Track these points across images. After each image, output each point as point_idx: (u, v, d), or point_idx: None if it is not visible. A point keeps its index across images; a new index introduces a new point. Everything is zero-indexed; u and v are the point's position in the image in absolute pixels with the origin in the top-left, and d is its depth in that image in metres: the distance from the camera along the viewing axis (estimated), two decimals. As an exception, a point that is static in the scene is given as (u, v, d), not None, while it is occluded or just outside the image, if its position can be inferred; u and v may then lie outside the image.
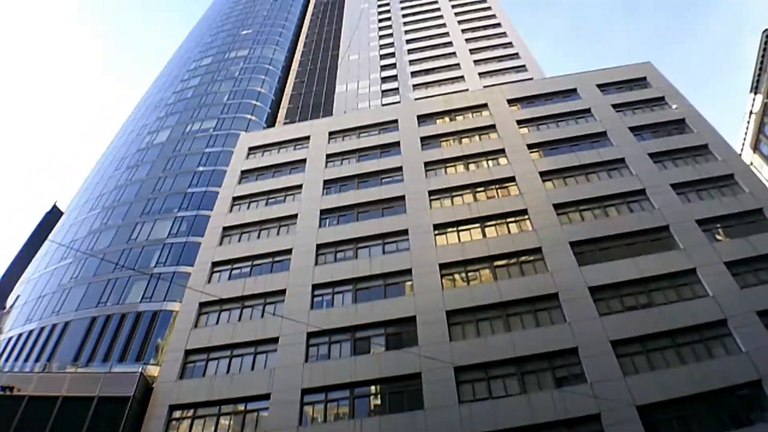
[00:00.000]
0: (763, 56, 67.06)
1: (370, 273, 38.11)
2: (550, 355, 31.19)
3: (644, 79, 52.24)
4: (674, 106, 47.54)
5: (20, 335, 48.89)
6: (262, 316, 37.02)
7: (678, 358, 30.06)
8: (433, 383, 30.57)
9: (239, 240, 44.30)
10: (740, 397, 28.15)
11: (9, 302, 55.77)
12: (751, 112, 71.32)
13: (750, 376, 28.30)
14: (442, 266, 37.37)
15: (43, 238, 16.95)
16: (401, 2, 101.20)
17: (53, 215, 17.49)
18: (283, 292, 38.25)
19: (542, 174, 43.25)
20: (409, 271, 37.58)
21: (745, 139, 72.86)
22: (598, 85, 52.20)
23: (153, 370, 38.07)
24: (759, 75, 68.91)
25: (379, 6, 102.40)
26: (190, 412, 33.01)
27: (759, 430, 26.47)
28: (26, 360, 45.58)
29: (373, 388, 32.28)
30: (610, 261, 35.54)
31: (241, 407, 32.71)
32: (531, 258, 37.20)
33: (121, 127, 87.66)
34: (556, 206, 40.15)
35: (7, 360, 46.75)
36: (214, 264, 42.35)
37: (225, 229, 45.38)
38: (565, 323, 32.43)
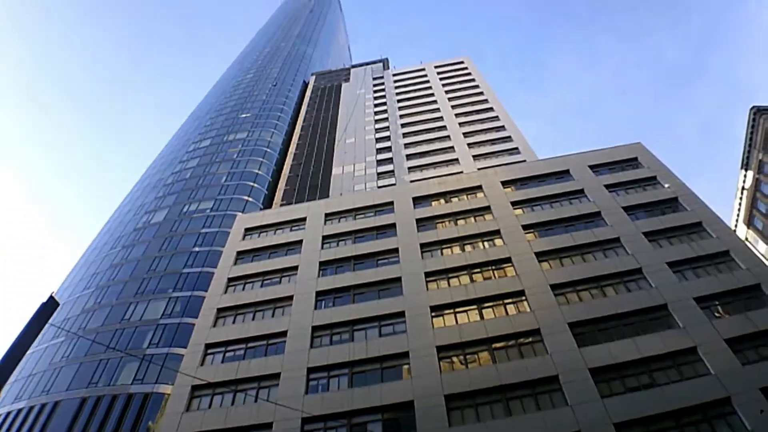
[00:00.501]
0: (751, 133, 69.00)
1: (366, 356, 37.48)
2: (552, 441, 30.24)
3: (635, 159, 53.31)
4: (666, 185, 48.33)
5: (8, 413, 47.82)
6: (256, 401, 36.05)
7: (684, 439, 29.16)
8: (432, 475, 29.52)
9: (234, 321, 43.73)
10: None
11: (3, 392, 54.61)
12: (743, 188, 72.64)
13: (757, 455, 27.47)
14: (439, 349, 36.83)
15: (39, 328, 16.75)
16: (396, 88, 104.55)
17: (49, 306, 17.36)
18: (277, 375, 37.44)
19: (538, 255, 43.33)
20: (406, 354, 36.99)
21: (738, 214, 73.88)
22: (591, 166, 53.18)
23: (142, 459, 36.84)
24: (749, 151, 70.68)
25: (375, 91, 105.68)
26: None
27: None
28: (13, 438, 44.41)
29: (369, 481, 31.18)
30: (610, 341, 35.19)
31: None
32: (530, 340, 36.77)
33: (119, 205, 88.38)
34: (554, 287, 40.05)
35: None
36: (208, 346, 41.61)
37: (219, 310, 44.86)
38: (566, 406, 31.70)
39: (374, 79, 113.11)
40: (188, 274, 57.36)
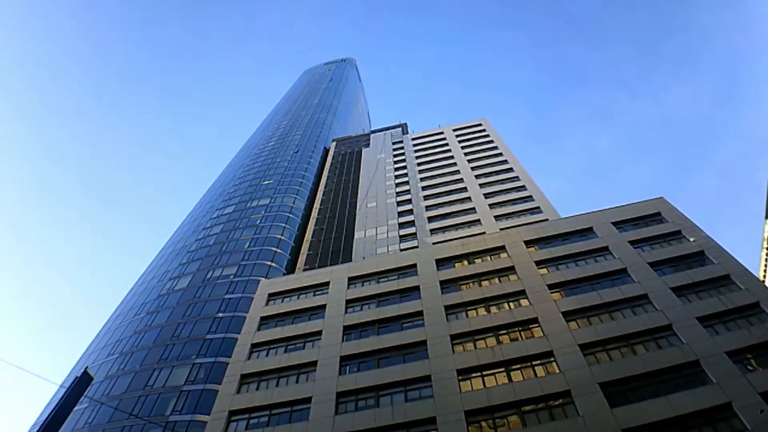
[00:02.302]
0: (774, 182, 68.35)
1: (393, 422, 36.77)
2: None
3: (659, 214, 52.92)
4: (691, 239, 47.79)
5: (27, 488, 47.03)
6: (280, 473, 35.32)
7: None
8: None
9: (257, 388, 43.34)
10: None
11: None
12: (767, 239, 71.52)
13: None
14: (467, 414, 35.99)
15: (75, 402, 16.79)
16: (416, 151, 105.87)
17: (84, 380, 17.45)
18: (302, 446, 36.73)
19: (565, 314, 42.76)
20: (433, 420, 36.17)
21: (766, 265, 72.48)
22: (614, 223, 52.91)
23: None
24: (772, 201, 69.83)
25: (395, 155, 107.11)
26: None
27: None
28: None
29: None
30: (642, 400, 34.21)
31: None
32: (560, 401, 35.87)
33: (143, 272, 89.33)
34: (582, 346, 39.33)
35: None
36: (231, 413, 41.19)
37: (243, 376, 44.54)
38: (602, 472, 30.55)
39: (394, 143, 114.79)
40: (212, 340, 57.29)
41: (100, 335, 71.96)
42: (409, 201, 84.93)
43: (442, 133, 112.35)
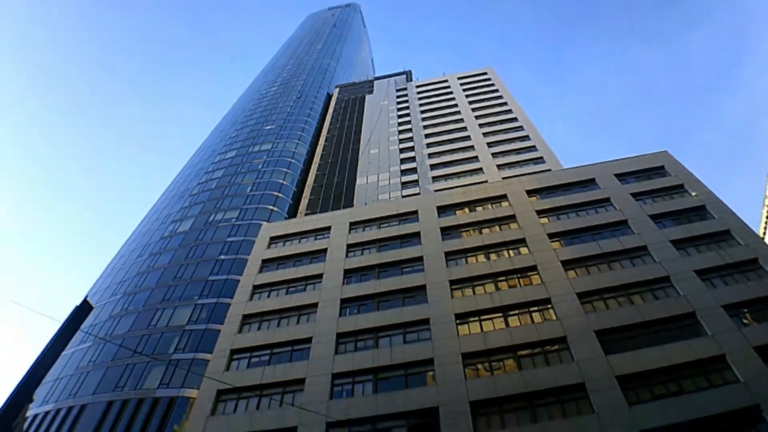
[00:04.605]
0: (779, 140, 68.04)
1: (391, 363, 37.50)
2: (579, 449, 29.88)
3: (662, 167, 52.75)
4: (693, 194, 47.77)
5: (36, 416, 48.43)
6: (281, 405, 36.24)
7: (712, 448, 28.74)
8: (457, 478, 29.36)
9: (259, 328, 44.06)
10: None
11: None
12: (768, 196, 71.47)
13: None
14: (464, 356, 36.68)
15: (73, 330, 17.01)
16: (420, 99, 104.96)
17: (84, 309, 17.64)
18: (302, 381, 37.62)
19: (564, 263, 43.06)
20: (430, 361, 36.92)
21: (766, 223, 72.59)
22: (616, 175, 52.79)
23: (168, 462, 37.12)
24: (775, 159, 69.49)
25: (399, 103, 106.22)
26: None
27: None
28: (41, 441, 44.99)
29: (394, 484, 31.07)
30: (638, 349, 34.72)
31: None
32: (556, 347, 36.49)
33: (146, 215, 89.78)
34: (580, 295, 39.71)
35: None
36: (233, 351, 41.97)
37: (245, 317, 45.25)
38: (593, 414, 31.33)
39: (397, 90, 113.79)
40: (214, 281, 57.94)
41: (103, 276, 72.73)
42: (411, 148, 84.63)
43: (446, 81, 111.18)
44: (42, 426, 46.76)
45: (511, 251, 45.97)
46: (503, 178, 64.22)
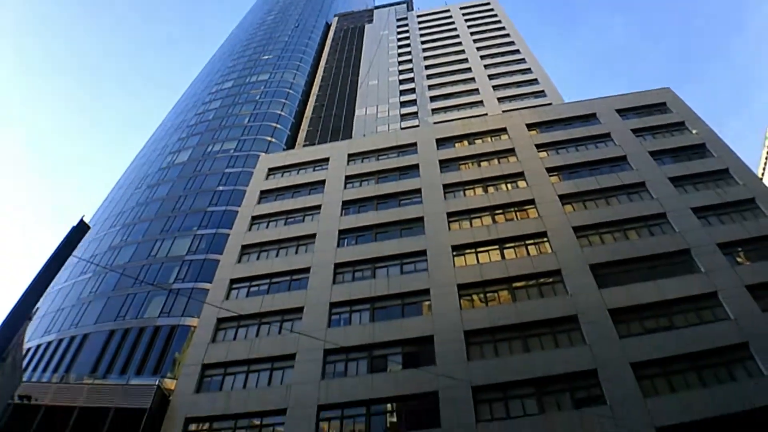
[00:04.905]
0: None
1: (387, 292, 38.08)
2: (569, 377, 30.84)
3: (664, 104, 52.22)
4: (694, 131, 47.51)
5: (38, 346, 49.28)
6: (280, 332, 37.05)
7: (699, 381, 29.66)
8: (450, 402, 30.32)
9: (258, 258, 44.53)
10: (762, 420, 27.56)
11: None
12: (769, 137, 71.06)
13: (773, 400, 27.71)
14: (460, 287, 37.25)
15: (70, 251, 17.07)
16: (420, 29, 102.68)
17: (80, 229, 17.63)
18: (300, 309, 38.33)
19: (562, 197, 43.20)
20: (427, 291, 37.52)
21: (765, 163, 72.51)
22: (618, 110, 52.30)
23: (170, 384, 38.14)
24: (778, 101, 68.84)
25: (399, 33, 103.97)
26: (206, 426, 33.12)
27: None
28: (44, 371, 45.89)
29: (389, 405, 32.11)
30: (631, 283, 35.21)
31: (257, 422, 32.68)
32: (550, 280, 37.00)
33: (143, 146, 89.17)
34: (576, 229, 40.00)
35: (25, 370, 47.00)
36: (233, 281, 42.57)
37: (244, 247, 45.67)
38: (584, 345, 32.08)
39: (398, 20, 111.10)
40: (213, 212, 58.03)
41: (102, 207, 72.76)
42: (411, 80, 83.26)
43: (448, 11, 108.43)
44: (45, 356, 47.61)
45: (509, 184, 46.02)
46: (503, 111, 63.62)
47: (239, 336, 38.00)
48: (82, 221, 17.43)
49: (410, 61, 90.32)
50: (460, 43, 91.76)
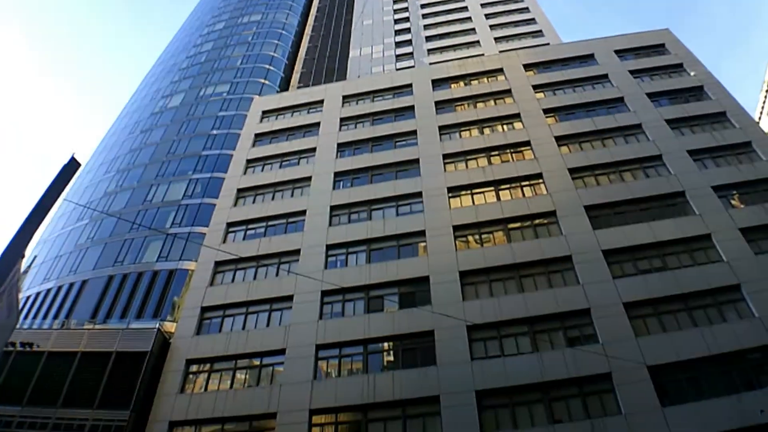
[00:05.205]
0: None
1: (383, 234, 38.30)
2: (562, 316, 31.40)
3: (662, 45, 51.52)
4: (692, 73, 47.02)
5: (38, 294, 49.72)
6: (277, 274, 37.43)
7: (690, 321, 30.12)
8: (445, 340, 30.98)
9: (253, 201, 44.60)
10: (751, 360, 28.18)
11: (26, 261, 56.71)
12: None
13: (762, 340, 28.33)
14: (455, 228, 37.49)
15: (61, 189, 16.94)
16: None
17: (71, 167, 17.43)
18: (297, 252, 38.61)
19: (558, 138, 43.00)
20: (422, 233, 37.76)
21: (763, 107, 72.11)
22: (616, 51, 51.58)
23: (170, 327, 38.73)
24: (778, 44, 67.94)
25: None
26: (207, 366, 33.80)
27: None
28: (44, 317, 46.40)
29: (386, 344, 32.79)
30: (625, 225, 35.48)
31: (256, 362, 33.37)
32: (545, 221, 37.24)
33: (135, 91, 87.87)
34: (572, 170, 40.03)
35: (25, 317, 47.57)
36: (229, 225, 42.76)
37: (239, 190, 45.68)
38: (578, 285, 32.54)
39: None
40: (207, 156, 57.69)
41: (96, 154, 72.25)
42: (406, 19, 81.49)
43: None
44: (45, 303, 48.05)
45: (505, 126, 45.74)
46: (500, 52, 62.65)
47: (237, 279, 38.39)
48: (73, 158, 17.25)
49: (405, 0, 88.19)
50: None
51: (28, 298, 50.15)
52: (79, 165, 16.92)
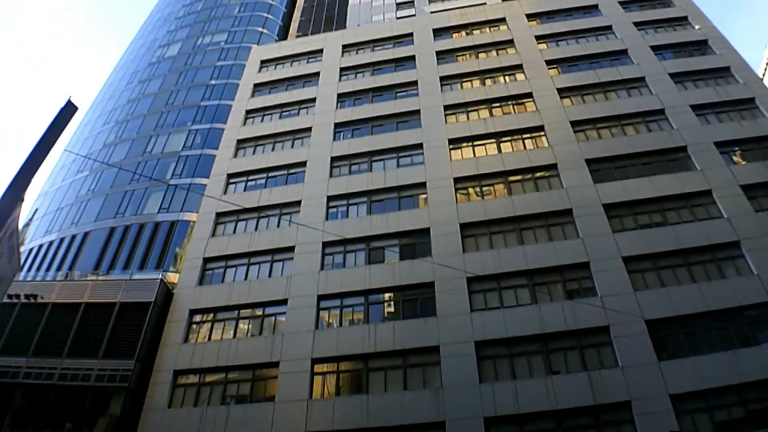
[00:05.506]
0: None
1: (384, 186, 38.32)
2: (561, 269, 31.65)
3: (668, -3, 50.45)
4: (697, 27, 46.23)
5: (41, 246, 50.00)
6: (278, 225, 37.59)
7: (689, 277, 30.34)
8: (445, 292, 31.34)
9: (254, 152, 44.42)
10: (748, 317, 28.41)
11: (28, 214, 56.91)
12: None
13: (760, 297, 28.56)
14: (456, 180, 37.48)
15: (59, 132, 16.90)
16: None
17: (68, 110, 17.34)
18: (298, 203, 38.70)
19: (560, 91, 42.54)
20: (423, 185, 37.78)
21: (767, 64, 71.29)
22: (620, 2, 50.50)
23: (173, 277, 39.15)
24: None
25: None
26: (210, 316, 34.26)
27: (766, 351, 26.79)
28: (48, 269, 46.77)
29: (387, 295, 33.13)
30: (626, 179, 35.39)
31: (259, 312, 33.81)
32: (546, 174, 37.17)
33: (131, 41, 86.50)
34: (574, 123, 39.71)
35: (29, 270, 47.96)
36: (230, 176, 42.75)
37: (239, 141, 45.44)
38: (578, 238, 32.68)
39: None
40: (206, 107, 57.16)
41: (94, 105, 71.57)
42: (408, -35, 79.50)
43: None
44: (48, 255, 48.31)
45: (507, 77, 45.19)
46: (503, 0, 61.33)
47: (239, 230, 38.58)
48: (69, 101, 17.16)
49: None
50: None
51: (31, 250, 50.46)
52: (76, 108, 16.84)
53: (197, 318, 34.38)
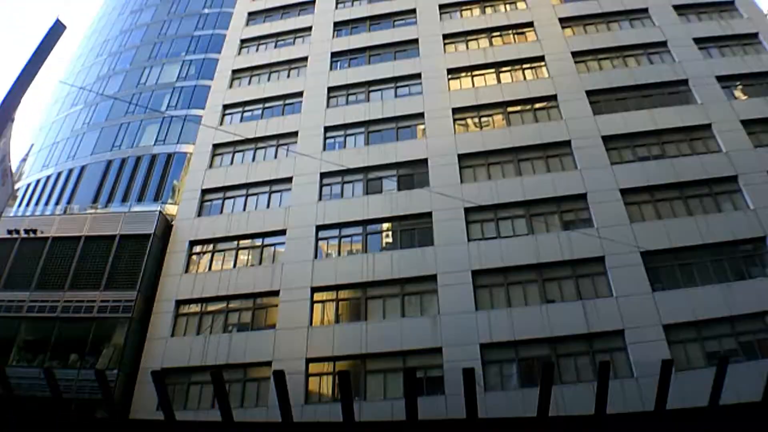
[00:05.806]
0: None
1: (382, 116, 37.92)
2: (558, 200, 31.75)
3: (672, -74, 48.65)
4: (701, -42, 44.78)
5: (38, 181, 49.83)
6: (276, 156, 37.46)
7: (685, 209, 30.48)
8: (443, 222, 31.48)
9: (249, 83, 43.76)
10: (743, 251, 28.69)
11: (25, 149, 56.65)
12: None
13: (755, 232, 28.76)
14: (454, 111, 37.08)
15: (48, 52, 16.58)
16: None
17: (57, 29, 16.96)
18: (295, 134, 38.33)
19: (562, 20, 41.58)
20: (421, 115, 37.39)
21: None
22: (624, -71, 48.75)
23: (171, 209, 39.15)
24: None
25: None
26: (210, 247, 34.46)
27: (759, 285, 27.17)
28: (46, 204, 46.73)
29: (384, 225, 33.28)
30: (626, 111, 35.06)
31: (258, 242, 34.01)
32: (545, 105, 36.77)
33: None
34: (575, 54, 39.00)
35: (27, 204, 47.97)
36: (225, 107, 42.22)
37: (234, 72, 44.67)
38: (575, 170, 32.63)
39: None
40: (200, 36, 55.73)
41: (85, 37, 69.86)
42: None
43: None
44: (46, 190, 48.14)
45: (507, 5, 44.01)
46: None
47: (236, 161, 38.41)
48: (58, 20, 16.79)
49: None
50: None
51: (28, 185, 50.35)
52: (65, 27, 16.49)
53: (197, 249, 34.58)
